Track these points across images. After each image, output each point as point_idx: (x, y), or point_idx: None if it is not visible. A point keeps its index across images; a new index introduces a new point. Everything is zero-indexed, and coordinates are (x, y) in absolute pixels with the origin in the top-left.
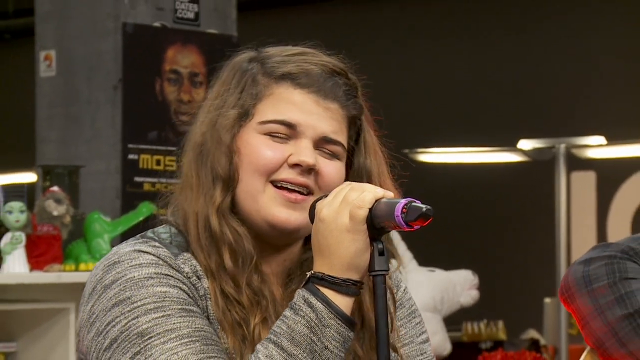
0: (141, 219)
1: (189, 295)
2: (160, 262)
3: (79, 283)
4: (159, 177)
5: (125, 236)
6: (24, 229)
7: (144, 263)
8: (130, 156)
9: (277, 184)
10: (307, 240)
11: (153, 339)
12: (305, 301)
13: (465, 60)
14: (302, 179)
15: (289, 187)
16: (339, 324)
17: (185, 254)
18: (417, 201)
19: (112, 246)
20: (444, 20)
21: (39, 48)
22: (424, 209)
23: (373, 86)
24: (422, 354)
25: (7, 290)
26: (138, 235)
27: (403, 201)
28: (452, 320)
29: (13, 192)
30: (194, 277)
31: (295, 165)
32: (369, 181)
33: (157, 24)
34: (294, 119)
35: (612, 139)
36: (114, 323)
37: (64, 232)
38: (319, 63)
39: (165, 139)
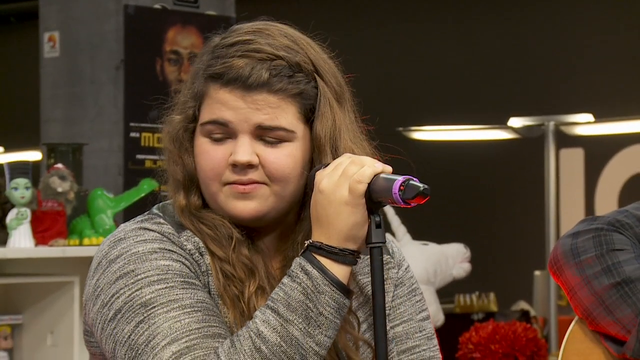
0: (143, 195)
1: (190, 270)
2: (164, 238)
3: (83, 257)
4: (160, 155)
5: (127, 211)
6: (29, 205)
7: (148, 239)
8: (132, 134)
9: (229, 184)
10: (299, 219)
11: (156, 309)
12: (301, 268)
13: (456, 40)
14: (247, 177)
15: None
16: (333, 290)
17: (187, 231)
18: (415, 179)
19: (115, 221)
20: (435, 0)
21: (43, 30)
22: (422, 188)
23: (367, 67)
24: (421, 331)
25: (13, 265)
26: (146, 212)
27: (401, 179)
28: (445, 292)
29: (18, 169)
30: (197, 254)
31: (234, 166)
32: (335, 144)
33: (157, 6)
34: (224, 117)
35: (600, 117)
36: (118, 295)
37: (68, 208)
38: (246, 54)
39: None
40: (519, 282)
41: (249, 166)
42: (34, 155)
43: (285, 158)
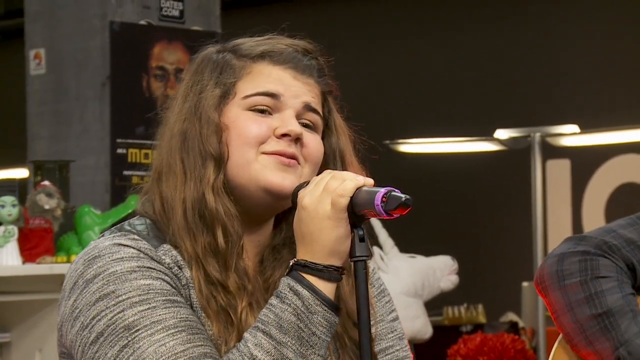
0: (130, 211)
1: (172, 285)
2: (142, 254)
3: (67, 276)
4: (147, 171)
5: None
6: (17, 223)
7: (125, 257)
8: (119, 150)
9: (268, 154)
10: (277, 223)
11: (140, 332)
12: (291, 289)
13: (442, 53)
14: (290, 150)
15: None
16: (325, 309)
17: (164, 245)
18: (397, 190)
19: None
20: (419, 12)
21: (28, 47)
22: (404, 199)
23: (353, 80)
24: (392, 332)
25: (0, 282)
26: (114, 228)
27: (383, 190)
28: (433, 305)
29: (5, 187)
30: (176, 268)
31: (283, 136)
32: (343, 161)
33: (143, 22)
34: (276, 89)
35: (586, 128)
36: (99, 317)
37: (56, 225)
38: (291, 44)
39: (152, 133)
40: (507, 294)
41: (296, 140)
42: (20, 173)
43: (318, 145)
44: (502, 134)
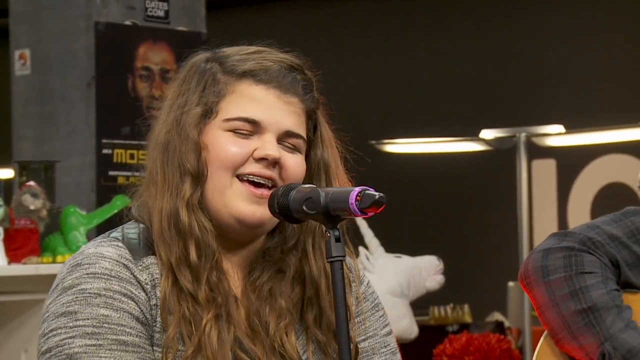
0: (116, 211)
1: (132, 313)
2: (114, 272)
3: (57, 275)
4: (133, 171)
5: (100, 228)
6: (2, 223)
7: (98, 273)
8: (105, 151)
9: (242, 178)
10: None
11: None
12: None
13: (428, 53)
14: (267, 172)
15: (255, 180)
16: None
17: (149, 257)
18: (370, 189)
19: (88, 238)
20: (404, 14)
21: (13, 47)
22: (377, 197)
23: (339, 81)
24: (385, 346)
25: None
26: (107, 232)
27: (357, 189)
28: (419, 305)
29: None
30: (149, 286)
31: (261, 159)
32: (327, 174)
33: (128, 23)
34: (257, 116)
35: (571, 128)
36: (55, 333)
37: (41, 225)
38: (277, 60)
39: (138, 133)
40: (492, 294)
41: (274, 164)
42: (6, 173)
43: (300, 165)
44: (487, 134)
